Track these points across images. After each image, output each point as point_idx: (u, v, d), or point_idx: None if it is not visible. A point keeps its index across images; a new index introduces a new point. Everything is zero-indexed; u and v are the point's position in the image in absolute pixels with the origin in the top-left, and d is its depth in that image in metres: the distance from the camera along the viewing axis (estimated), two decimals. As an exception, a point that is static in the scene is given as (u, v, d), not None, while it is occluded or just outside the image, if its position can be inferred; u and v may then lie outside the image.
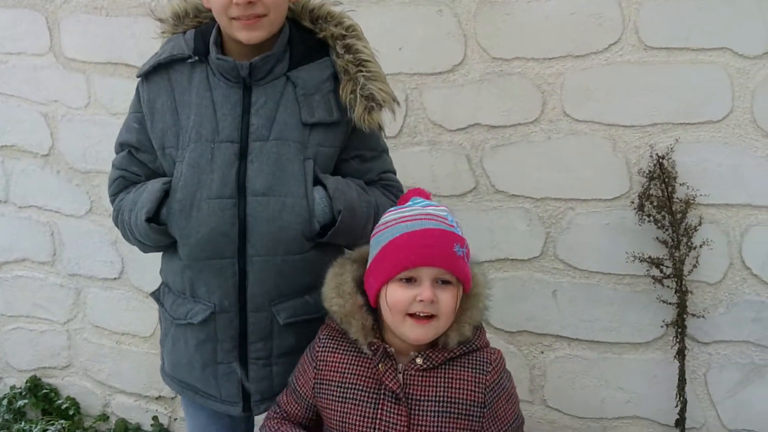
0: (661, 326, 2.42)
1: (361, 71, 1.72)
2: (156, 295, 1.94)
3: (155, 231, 1.73)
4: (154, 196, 1.72)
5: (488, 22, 2.37)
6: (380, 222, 1.62)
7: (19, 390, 3.30)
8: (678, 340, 2.37)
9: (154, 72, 1.79)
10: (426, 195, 1.67)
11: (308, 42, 1.77)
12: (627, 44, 2.27)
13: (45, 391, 3.29)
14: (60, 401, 3.27)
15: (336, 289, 1.60)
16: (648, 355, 2.48)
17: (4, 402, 3.27)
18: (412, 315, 1.51)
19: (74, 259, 3.12)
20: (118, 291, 3.08)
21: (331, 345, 1.64)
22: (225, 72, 1.72)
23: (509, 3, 2.34)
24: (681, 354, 2.37)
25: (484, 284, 1.64)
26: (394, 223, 1.56)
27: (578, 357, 2.56)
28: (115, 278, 3.08)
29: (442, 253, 1.50)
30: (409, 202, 1.62)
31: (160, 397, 3.14)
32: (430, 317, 1.51)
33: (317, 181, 1.74)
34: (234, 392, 1.80)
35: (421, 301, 1.49)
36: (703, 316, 2.36)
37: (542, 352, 2.60)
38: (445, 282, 1.52)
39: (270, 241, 1.69)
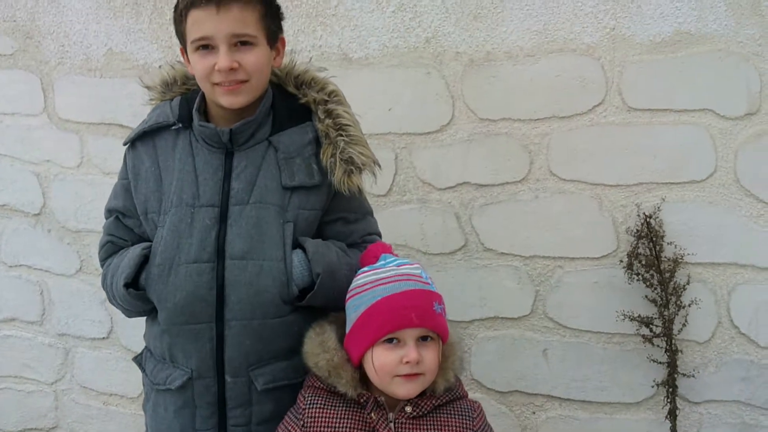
0: (652, 386, 2.40)
1: (341, 135, 1.75)
2: (138, 360, 1.92)
3: (133, 296, 1.74)
4: (134, 261, 1.73)
5: (475, 84, 2.42)
6: (355, 284, 1.63)
7: (4, 452, 3.25)
8: (669, 400, 2.36)
9: (139, 139, 1.83)
10: (388, 248, 1.72)
11: (291, 106, 1.80)
12: (611, 106, 2.32)
13: (30, 453, 3.23)
14: (45, 464, 3.22)
15: (320, 346, 1.62)
16: (640, 415, 2.45)
17: (-12, 465, 3.22)
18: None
19: (63, 319, 3.09)
20: (107, 351, 3.05)
21: (318, 401, 1.63)
22: (207, 138, 1.74)
23: (495, 66, 2.39)
24: (672, 414, 2.35)
25: (457, 335, 1.71)
26: (371, 285, 1.58)
27: (570, 417, 2.53)
28: (103, 338, 3.05)
29: (424, 314, 1.54)
30: (381, 261, 1.64)
31: (146, 459, 3.09)
32: (417, 374, 1.55)
33: (297, 244, 1.75)
34: None
35: (407, 362, 1.53)
36: (694, 376, 2.35)
37: (534, 413, 2.57)
38: (427, 338, 1.57)
39: (247, 304, 1.68)
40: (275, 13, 1.75)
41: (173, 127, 1.78)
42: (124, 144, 1.86)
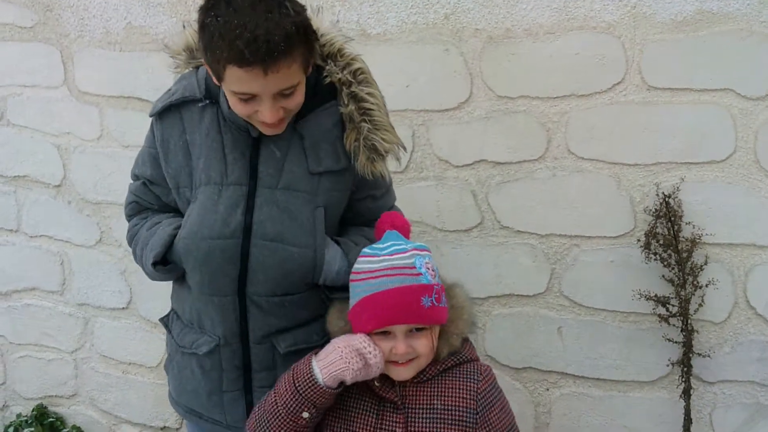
0: (667, 365, 2.41)
1: (365, 120, 1.72)
2: (165, 320, 1.98)
3: (161, 272, 1.80)
4: (163, 240, 1.77)
5: (494, 61, 2.40)
6: (354, 268, 1.66)
7: (25, 418, 3.31)
8: (684, 379, 2.36)
9: (166, 111, 1.81)
10: (401, 222, 1.71)
11: (316, 83, 1.75)
12: (630, 84, 2.29)
13: (51, 419, 3.30)
14: (66, 430, 3.29)
15: (338, 313, 1.70)
16: (654, 393, 2.47)
17: (10, 430, 3.28)
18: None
19: (83, 289, 3.14)
20: (126, 321, 3.10)
21: None
22: (234, 123, 1.73)
23: (514, 43, 2.37)
24: (687, 393, 2.36)
25: (465, 297, 1.71)
26: (364, 277, 1.60)
27: (584, 394, 2.55)
28: (123, 308, 3.10)
29: (409, 310, 1.55)
30: (380, 242, 1.65)
31: (165, 427, 3.14)
32: (410, 360, 1.60)
33: (338, 242, 1.79)
34: (240, 417, 1.82)
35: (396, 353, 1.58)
36: (709, 356, 2.36)
37: (547, 389, 2.59)
38: (419, 329, 1.59)
39: (272, 285, 1.72)
40: (311, 44, 1.61)
41: (200, 104, 1.77)
42: (150, 115, 1.85)
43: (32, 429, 3.25)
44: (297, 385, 1.57)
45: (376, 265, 1.59)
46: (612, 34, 2.28)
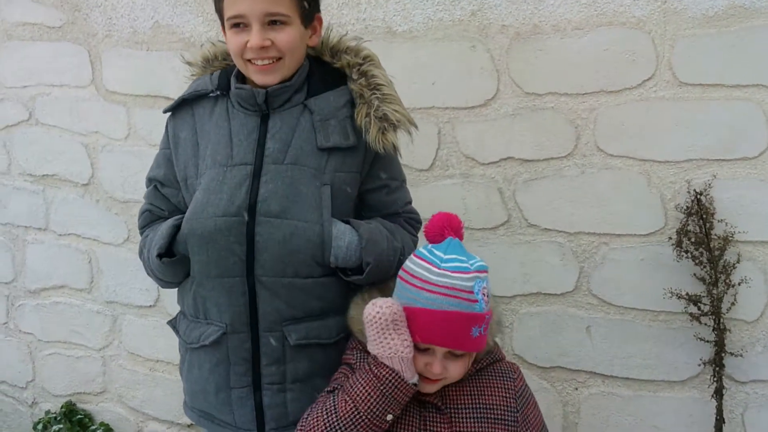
0: (698, 365, 2.38)
1: (375, 94, 1.75)
2: (172, 323, 1.97)
3: (167, 264, 1.78)
4: (167, 232, 1.77)
5: (521, 57, 2.39)
6: (410, 267, 1.59)
7: (54, 415, 3.35)
8: (716, 378, 2.33)
9: (179, 108, 1.86)
10: (457, 222, 1.64)
11: (327, 72, 1.82)
12: (661, 80, 2.26)
13: (79, 416, 3.33)
14: (94, 427, 3.31)
15: (362, 310, 1.62)
16: (684, 393, 2.43)
17: (39, 427, 3.32)
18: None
19: (111, 287, 3.17)
20: (153, 318, 3.12)
21: (359, 351, 1.67)
22: (243, 101, 1.77)
23: (542, 39, 2.35)
24: (719, 393, 2.33)
25: (492, 298, 1.67)
26: (420, 285, 1.54)
27: (613, 394, 2.52)
28: (150, 306, 3.12)
29: (458, 337, 1.52)
30: (443, 246, 1.58)
31: (191, 425, 3.16)
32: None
33: (347, 222, 1.77)
34: (248, 418, 1.79)
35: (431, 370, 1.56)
36: (741, 355, 2.32)
37: (576, 389, 2.57)
38: (459, 354, 1.57)
39: (279, 263, 1.70)
40: None
41: (211, 94, 1.81)
42: (164, 111, 1.90)
43: (61, 426, 3.28)
44: (383, 387, 1.51)
45: (434, 277, 1.52)
46: (642, 30, 2.25)
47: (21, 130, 3.16)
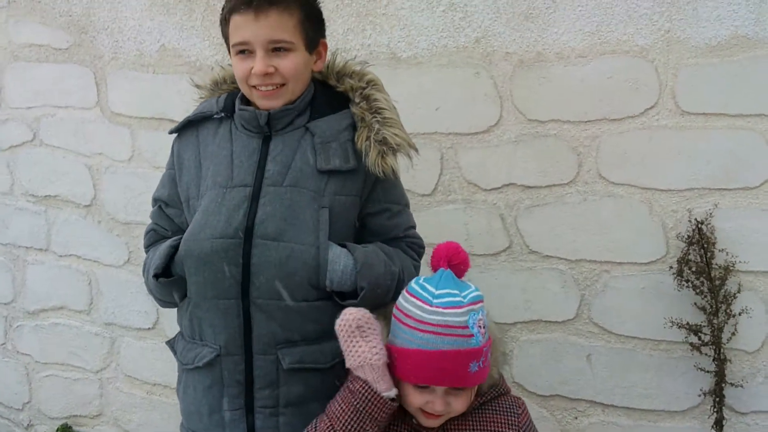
0: (699, 395, 2.36)
1: (376, 117, 1.76)
2: (171, 343, 1.96)
3: (163, 284, 1.79)
4: (164, 253, 1.79)
5: (524, 84, 2.40)
6: (403, 306, 1.57)
7: (50, 438, 3.32)
8: (716, 409, 2.31)
9: (185, 129, 1.89)
10: (458, 257, 1.60)
11: (331, 95, 1.83)
12: (664, 109, 2.28)
13: (75, 439, 3.30)
14: (89, 450, 3.28)
15: None
16: (684, 423, 2.42)
17: (35, 449, 3.29)
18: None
19: (110, 309, 3.16)
20: (152, 341, 3.10)
21: None
22: (246, 122, 1.78)
23: (546, 66, 2.37)
24: (719, 424, 2.31)
25: (495, 327, 1.66)
26: (413, 324, 1.52)
27: (613, 423, 2.50)
28: (149, 328, 3.10)
29: (456, 375, 1.50)
30: (434, 284, 1.55)
31: (188, 449, 3.13)
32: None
33: (344, 246, 1.76)
34: None
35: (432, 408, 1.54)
36: (742, 385, 2.31)
37: (576, 418, 2.55)
38: (460, 388, 1.55)
39: (274, 285, 1.69)
40: (315, 18, 1.77)
41: (215, 116, 1.83)
42: (170, 133, 1.92)
43: (56, 448, 3.26)
44: (357, 402, 1.51)
45: (427, 315, 1.50)
46: (645, 59, 2.27)
47: (25, 151, 3.17)
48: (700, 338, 2.30)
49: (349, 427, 1.51)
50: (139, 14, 2.85)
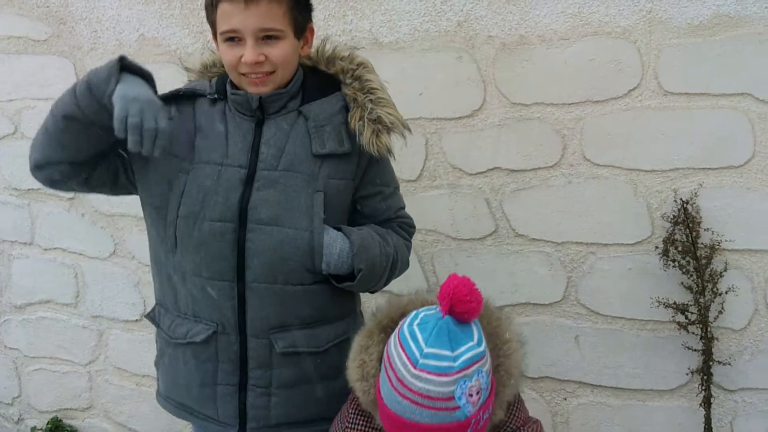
0: (686, 373, 2.38)
1: (369, 97, 1.76)
2: (151, 315, 1.95)
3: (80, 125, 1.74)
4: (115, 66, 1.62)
5: (507, 68, 2.39)
6: (390, 350, 1.40)
7: (41, 431, 3.31)
8: (704, 387, 2.33)
9: (180, 98, 1.81)
10: (467, 300, 1.36)
11: (319, 80, 1.82)
12: (647, 90, 2.27)
13: (66, 432, 3.30)
14: (80, 443, 3.28)
15: (360, 369, 1.47)
16: (673, 402, 2.43)
17: (26, 443, 3.29)
18: None
19: (97, 301, 3.14)
20: (140, 333, 3.09)
21: (360, 423, 1.56)
22: (239, 106, 1.76)
23: (528, 49, 2.36)
24: (707, 402, 2.33)
25: (517, 358, 1.50)
26: (394, 385, 1.35)
27: (602, 404, 2.52)
28: (136, 320, 3.09)
29: None
30: (426, 334, 1.35)
31: (179, 440, 3.14)
32: None
33: (338, 227, 1.76)
34: (231, 414, 1.79)
35: None
36: (729, 363, 2.32)
37: (565, 399, 2.56)
38: None
39: (269, 269, 1.70)
40: (303, 4, 1.75)
41: (209, 96, 1.81)
42: (159, 98, 1.72)
43: (47, 442, 3.25)
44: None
45: (409, 378, 1.32)
46: (627, 39, 2.26)
47: (6, 144, 3.14)
48: (687, 317, 2.31)
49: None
50: (118, 4, 2.81)
